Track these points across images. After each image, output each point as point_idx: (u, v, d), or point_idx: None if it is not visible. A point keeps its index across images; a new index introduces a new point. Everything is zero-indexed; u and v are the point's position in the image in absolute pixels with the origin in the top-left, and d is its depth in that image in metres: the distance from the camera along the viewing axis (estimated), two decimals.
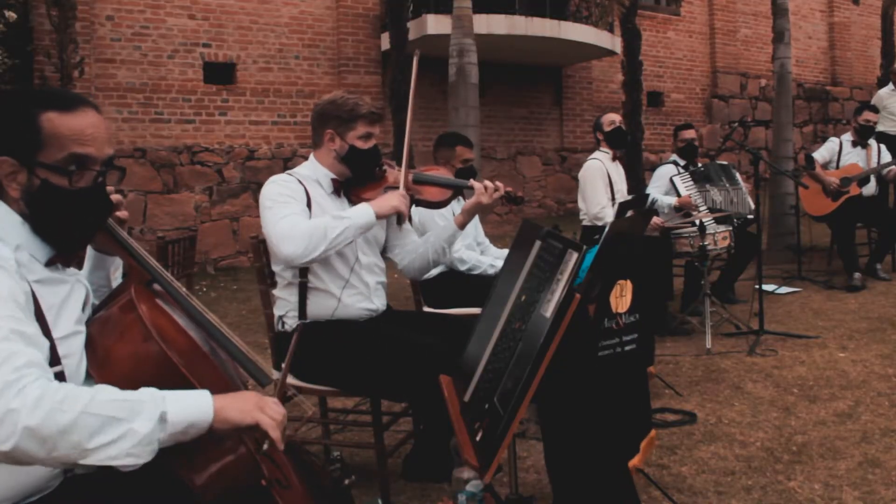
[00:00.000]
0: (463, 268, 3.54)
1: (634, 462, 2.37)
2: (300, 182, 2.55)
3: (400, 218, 2.60)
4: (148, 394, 1.28)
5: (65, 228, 1.43)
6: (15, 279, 1.31)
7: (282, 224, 2.39)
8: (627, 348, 2.40)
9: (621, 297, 2.37)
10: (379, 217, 2.48)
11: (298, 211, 2.46)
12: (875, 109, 6.62)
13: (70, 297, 1.44)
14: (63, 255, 1.45)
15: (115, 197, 1.58)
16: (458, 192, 2.80)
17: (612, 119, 4.99)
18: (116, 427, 1.20)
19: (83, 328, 1.47)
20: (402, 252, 2.76)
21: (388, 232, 2.76)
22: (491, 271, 3.53)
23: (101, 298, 1.60)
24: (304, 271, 2.52)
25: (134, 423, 1.22)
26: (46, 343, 1.33)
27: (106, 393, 1.24)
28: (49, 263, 1.43)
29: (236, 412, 1.33)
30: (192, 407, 1.29)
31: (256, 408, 1.36)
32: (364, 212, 2.46)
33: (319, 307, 2.53)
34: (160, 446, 1.25)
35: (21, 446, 1.15)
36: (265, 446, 1.37)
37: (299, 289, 2.53)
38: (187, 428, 1.28)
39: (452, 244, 2.75)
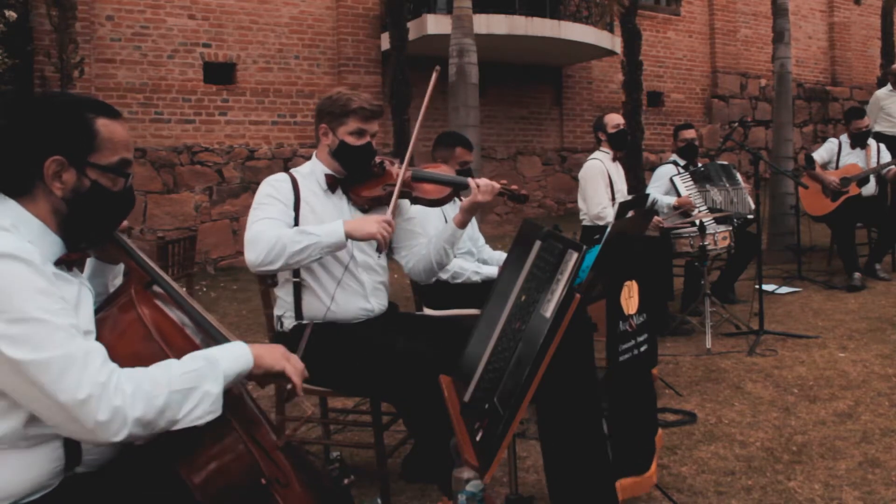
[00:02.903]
0: (445, 276, 3.39)
1: (652, 469, 2.36)
2: (294, 181, 2.54)
3: (379, 246, 2.43)
4: (201, 356, 1.43)
5: (102, 227, 1.54)
6: (43, 272, 1.32)
7: (253, 228, 2.39)
8: (643, 349, 2.39)
9: (630, 299, 2.36)
10: (350, 238, 2.37)
11: (277, 214, 2.43)
12: (862, 114, 6.57)
13: (81, 295, 1.45)
14: (73, 255, 1.46)
15: None
16: (458, 190, 2.77)
17: (617, 121, 4.95)
18: (195, 394, 1.38)
19: (94, 328, 1.47)
20: (409, 254, 2.73)
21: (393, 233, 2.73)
22: (475, 278, 3.44)
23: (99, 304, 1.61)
24: (297, 269, 2.50)
25: (206, 386, 1.40)
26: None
27: (174, 368, 1.39)
28: (56, 263, 1.43)
29: (269, 359, 1.54)
30: (239, 359, 1.48)
31: (283, 357, 1.57)
32: (334, 230, 2.36)
33: (313, 307, 2.50)
34: None
35: (132, 434, 1.31)
36: (288, 387, 1.57)
37: (293, 287, 2.52)
38: (237, 377, 1.47)
39: (454, 245, 2.68)
